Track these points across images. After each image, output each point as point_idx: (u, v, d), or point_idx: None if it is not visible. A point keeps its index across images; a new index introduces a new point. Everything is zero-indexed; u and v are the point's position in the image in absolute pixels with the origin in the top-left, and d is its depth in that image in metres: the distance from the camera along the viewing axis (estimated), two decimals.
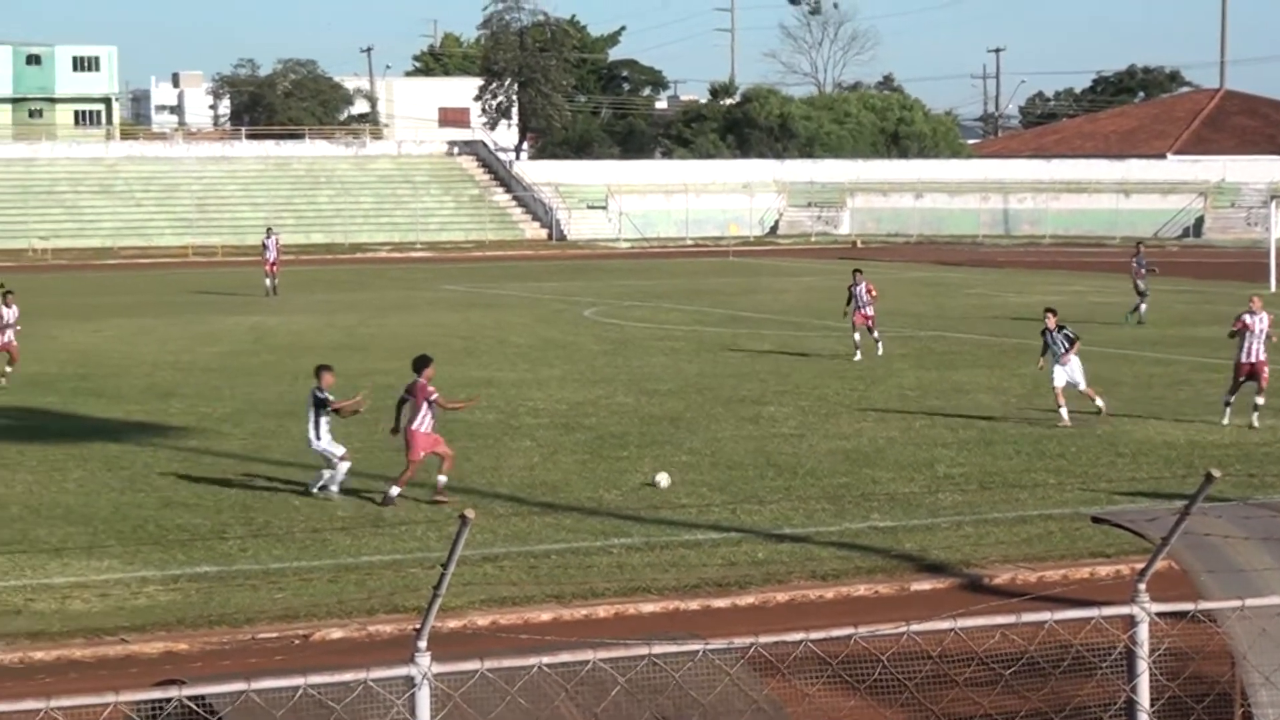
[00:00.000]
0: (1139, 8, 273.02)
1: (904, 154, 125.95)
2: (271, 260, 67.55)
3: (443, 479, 25.50)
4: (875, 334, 43.38)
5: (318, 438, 25.97)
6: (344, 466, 25.79)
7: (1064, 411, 31.91)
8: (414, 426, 25.69)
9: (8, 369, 38.55)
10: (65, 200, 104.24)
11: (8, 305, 39.75)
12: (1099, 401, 32.79)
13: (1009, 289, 66.95)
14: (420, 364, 26.33)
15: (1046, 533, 23.32)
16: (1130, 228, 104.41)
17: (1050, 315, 33.37)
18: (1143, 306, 53.64)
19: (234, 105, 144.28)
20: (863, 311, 43.18)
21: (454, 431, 31.62)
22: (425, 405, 25.64)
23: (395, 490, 25.34)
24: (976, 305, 59.36)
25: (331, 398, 26.29)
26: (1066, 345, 32.77)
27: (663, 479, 26.07)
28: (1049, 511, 24.59)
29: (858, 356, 42.12)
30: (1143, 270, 54.37)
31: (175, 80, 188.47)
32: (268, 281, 66.66)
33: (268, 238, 69.50)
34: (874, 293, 43.87)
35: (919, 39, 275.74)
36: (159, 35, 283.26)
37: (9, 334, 39.47)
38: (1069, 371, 32.70)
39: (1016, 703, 12.20)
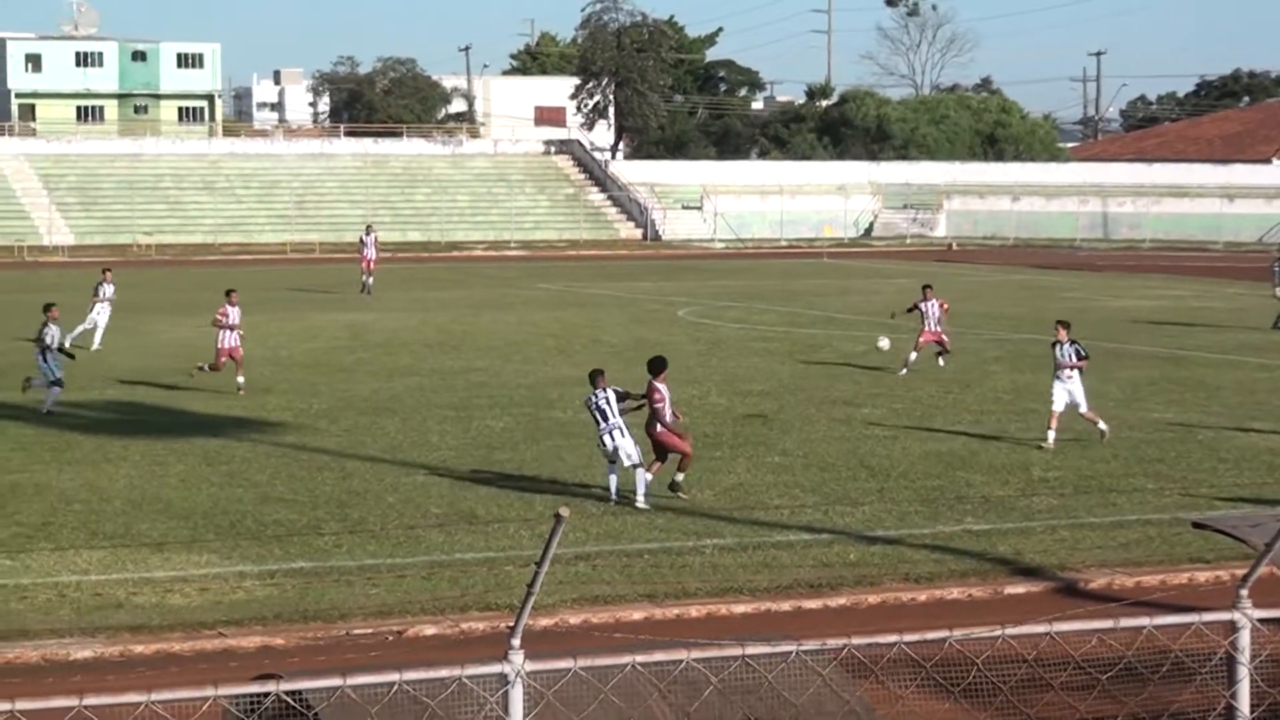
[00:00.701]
0: (1245, 11, 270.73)
1: (1000, 157, 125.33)
2: (370, 258, 67.72)
3: (680, 476, 25.76)
4: (942, 361, 40.53)
5: (624, 434, 25.41)
6: (642, 474, 25.30)
7: (1052, 436, 30.16)
8: (661, 429, 25.76)
9: (240, 379, 37.19)
10: (169, 196, 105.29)
11: (232, 304, 38.46)
12: (1102, 425, 30.65)
13: (1107, 293, 66.50)
14: (656, 366, 26.51)
15: (1145, 537, 23.16)
16: (1234, 233, 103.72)
17: (1061, 328, 31.40)
18: None
19: (333, 102, 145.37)
20: (932, 330, 40.39)
21: (545, 429, 31.75)
22: (655, 404, 25.77)
23: (680, 476, 25.73)
24: (1074, 309, 58.70)
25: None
26: (1074, 359, 30.75)
27: (884, 343, 26.25)
28: (1147, 516, 24.41)
29: (903, 372, 39.54)
30: None
31: (276, 77, 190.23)
32: (364, 279, 66.80)
33: (366, 235, 69.83)
34: (946, 307, 41.49)
35: (1018, 41, 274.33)
36: (261, 32, 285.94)
37: (235, 337, 37.93)
38: (1070, 391, 30.62)
39: (1113, 708, 12.11)
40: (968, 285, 69.93)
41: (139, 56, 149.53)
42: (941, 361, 40.93)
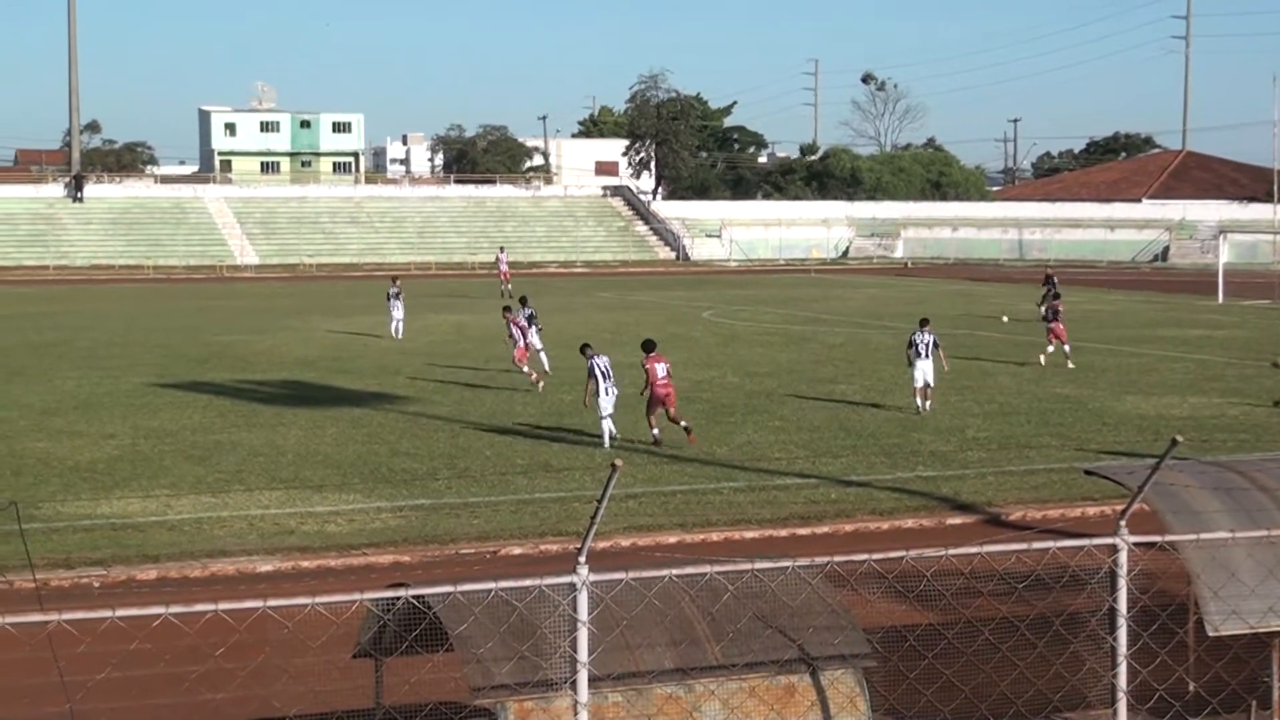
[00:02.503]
0: (1123, 88, 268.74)
1: (944, 197, 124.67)
2: (505, 271, 69.61)
3: (684, 423, 26.19)
4: (1066, 348, 38.15)
5: (611, 393, 26.27)
6: (611, 423, 26.25)
7: (919, 403, 29.96)
8: (664, 383, 26.15)
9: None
10: (325, 228, 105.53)
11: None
12: (921, 402, 29.95)
13: (1022, 299, 65.98)
14: (651, 345, 27.04)
15: (1049, 482, 23.06)
16: (1115, 254, 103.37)
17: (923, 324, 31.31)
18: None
19: (446, 158, 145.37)
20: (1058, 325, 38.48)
21: None
22: (664, 367, 26.24)
23: (684, 421, 26.11)
24: (998, 310, 58.54)
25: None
26: (933, 347, 30.19)
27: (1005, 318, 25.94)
28: (1052, 466, 24.30)
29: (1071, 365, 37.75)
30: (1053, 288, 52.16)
31: (404, 139, 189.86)
32: (503, 287, 67.85)
33: (501, 254, 72.52)
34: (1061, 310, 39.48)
35: (956, 111, 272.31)
36: (394, 106, 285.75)
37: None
38: (925, 370, 30.07)
39: (1026, 609, 12.07)
40: (919, 294, 69.68)
41: (305, 124, 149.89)
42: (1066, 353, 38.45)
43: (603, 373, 26.20)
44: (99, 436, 27.31)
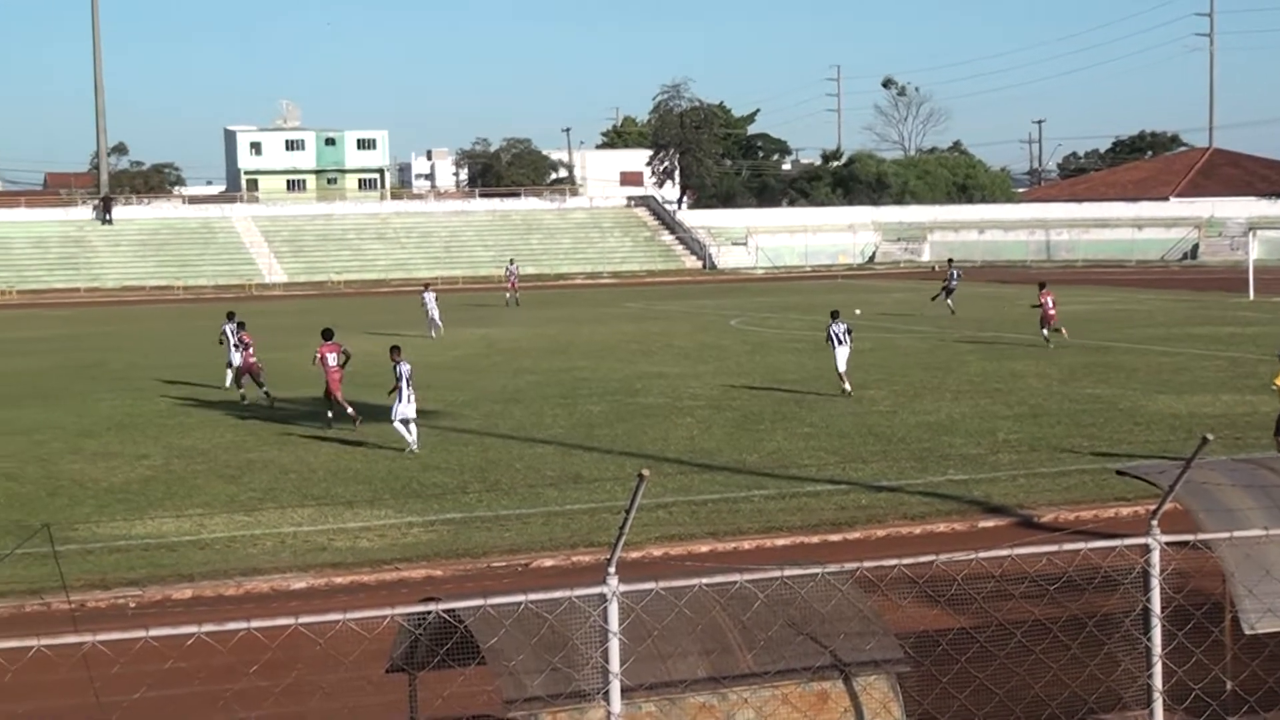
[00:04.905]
0: (1147, 86, 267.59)
1: (970, 200, 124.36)
2: (513, 282, 73.23)
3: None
4: (1052, 330, 43.30)
5: (412, 400, 27.78)
6: (415, 427, 27.64)
7: (847, 386, 33.28)
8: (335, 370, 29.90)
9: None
10: (353, 244, 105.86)
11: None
12: (847, 386, 33.30)
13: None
14: (329, 334, 31.10)
15: (1081, 483, 22.98)
16: (1143, 253, 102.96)
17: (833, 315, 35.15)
18: (950, 300, 58.36)
19: (471, 172, 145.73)
20: (1050, 312, 43.55)
21: (631, 411, 31.73)
22: (335, 356, 29.90)
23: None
24: (1025, 313, 58.19)
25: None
26: (846, 337, 33.94)
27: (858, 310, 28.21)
28: (1084, 467, 24.21)
29: (1051, 345, 42.64)
30: (954, 279, 60.19)
31: (429, 155, 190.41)
32: (508, 295, 71.24)
33: (511, 265, 74.67)
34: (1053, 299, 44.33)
35: (980, 114, 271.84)
36: (418, 121, 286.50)
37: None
38: (844, 356, 33.76)
39: (1058, 611, 12.02)
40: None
41: (330, 142, 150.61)
42: (1047, 333, 43.37)
43: (406, 379, 26.93)
44: (133, 457, 27.45)
